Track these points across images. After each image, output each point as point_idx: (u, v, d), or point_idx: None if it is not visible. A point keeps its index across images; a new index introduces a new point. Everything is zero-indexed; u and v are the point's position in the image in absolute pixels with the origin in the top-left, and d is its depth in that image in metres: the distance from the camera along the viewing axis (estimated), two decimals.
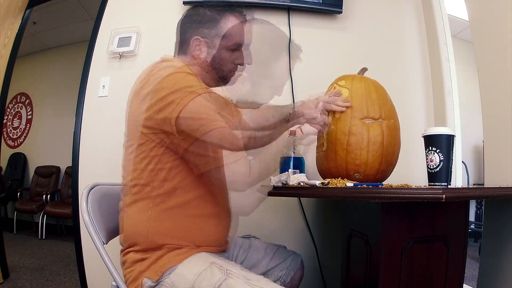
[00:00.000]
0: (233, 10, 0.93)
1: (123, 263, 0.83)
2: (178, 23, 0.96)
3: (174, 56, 0.96)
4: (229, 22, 0.91)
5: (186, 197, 0.81)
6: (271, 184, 0.91)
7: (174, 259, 0.77)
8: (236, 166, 0.77)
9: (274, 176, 0.93)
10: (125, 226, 0.82)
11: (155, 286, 0.75)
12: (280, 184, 0.90)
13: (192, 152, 0.76)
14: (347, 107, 0.94)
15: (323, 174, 1.02)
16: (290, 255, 1.08)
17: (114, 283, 0.82)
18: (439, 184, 0.79)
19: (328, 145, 0.96)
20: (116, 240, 0.93)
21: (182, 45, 0.93)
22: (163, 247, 0.79)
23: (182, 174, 0.79)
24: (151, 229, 0.78)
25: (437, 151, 0.78)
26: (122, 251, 0.84)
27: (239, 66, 0.96)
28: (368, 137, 0.91)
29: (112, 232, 0.90)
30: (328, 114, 0.97)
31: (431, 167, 0.80)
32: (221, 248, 0.90)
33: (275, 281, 0.95)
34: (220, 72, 0.93)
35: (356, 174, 0.93)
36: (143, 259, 0.78)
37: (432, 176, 0.80)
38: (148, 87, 0.77)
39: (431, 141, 0.80)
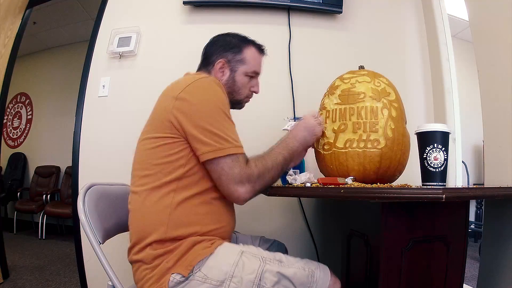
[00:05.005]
0: (255, 43, 1.03)
1: (138, 261, 0.81)
2: (204, 47, 1.05)
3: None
4: (251, 51, 1.01)
5: (205, 186, 0.83)
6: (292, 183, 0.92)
7: (202, 252, 0.78)
8: (227, 164, 0.78)
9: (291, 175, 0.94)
10: (144, 215, 0.81)
11: (184, 281, 0.76)
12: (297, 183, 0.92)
13: (197, 137, 0.79)
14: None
15: (339, 172, 0.95)
16: (273, 242, 1.13)
17: (110, 283, 0.82)
18: (441, 184, 0.78)
19: (386, 143, 0.90)
20: (114, 240, 0.93)
21: (206, 66, 1.01)
22: (186, 238, 0.79)
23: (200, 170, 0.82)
24: (173, 216, 0.79)
25: (443, 149, 0.76)
26: (132, 249, 0.83)
27: (253, 93, 1.05)
28: (407, 140, 0.95)
29: (109, 232, 0.90)
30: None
31: (435, 166, 0.76)
32: (229, 239, 0.92)
33: None
34: (237, 96, 1.01)
35: (398, 175, 0.97)
36: (166, 253, 0.78)
37: (434, 175, 0.76)
38: (183, 94, 0.81)
39: (436, 138, 0.76)
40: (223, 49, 0.99)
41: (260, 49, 1.04)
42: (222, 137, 0.78)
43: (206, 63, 1.01)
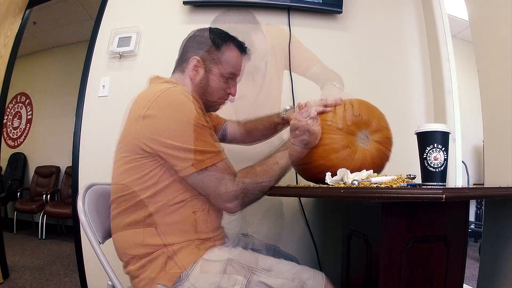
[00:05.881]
0: (236, 41, 0.94)
1: (129, 275, 0.83)
2: (183, 41, 0.98)
3: (172, 73, 0.97)
4: (230, 51, 0.93)
5: (178, 196, 0.81)
6: (329, 183, 0.84)
7: (186, 260, 0.78)
8: (220, 182, 0.78)
9: (332, 176, 0.85)
10: (122, 236, 0.82)
11: None
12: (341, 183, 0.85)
13: (172, 155, 0.76)
14: (337, 104, 0.94)
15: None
16: (287, 255, 1.09)
17: (110, 283, 0.82)
18: (441, 184, 0.78)
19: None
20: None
21: (181, 63, 0.94)
22: (165, 247, 0.78)
23: (171, 177, 0.80)
24: (147, 231, 0.79)
25: (443, 149, 0.76)
26: (123, 261, 0.85)
27: (230, 95, 0.97)
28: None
29: (109, 232, 0.90)
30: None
31: (435, 166, 0.76)
32: (219, 235, 0.90)
33: None
34: (210, 98, 0.93)
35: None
36: (147, 263, 0.78)
37: (434, 175, 0.76)
38: (150, 111, 0.77)
39: (436, 138, 0.76)
40: (199, 45, 0.92)
41: (241, 47, 0.95)
42: (198, 151, 0.76)
43: (182, 59, 0.94)
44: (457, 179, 1.61)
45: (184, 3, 1.62)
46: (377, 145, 0.94)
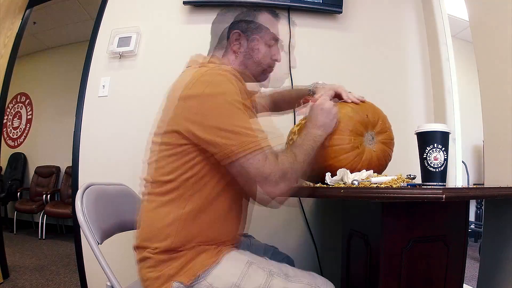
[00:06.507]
0: (267, 9, 0.95)
1: (143, 260, 0.79)
2: (212, 24, 0.98)
3: (208, 54, 0.97)
4: (264, 17, 0.94)
5: (213, 194, 0.80)
6: (329, 184, 0.84)
7: (207, 262, 0.76)
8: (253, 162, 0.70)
9: (332, 176, 0.85)
10: (152, 223, 0.79)
11: None
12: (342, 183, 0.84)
13: (209, 141, 0.72)
14: (357, 102, 0.95)
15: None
16: (284, 257, 1.09)
17: (108, 283, 0.82)
18: (441, 184, 0.77)
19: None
20: (113, 239, 0.93)
21: (221, 41, 0.94)
22: (190, 248, 0.77)
23: (216, 175, 0.78)
24: (180, 229, 0.77)
25: (443, 149, 0.76)
26: (137, 249, 0.81)
27: (276, 62, 0.97)
28: None
29: (107, 232, 0.90)
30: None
31: (435, 166, 0.76)
32: (237, 243, 0.90)
33: None
34: (259, 67, 0.94)
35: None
36: (170, 260, 0.76)
37: (434, 175, 0.76)
38: (194, 93, 0.75)
39: (436, 138, 0.76)
40: (235, 19, 0.93)
41: (274, 13, 0.96)
42: (239, 133, 0.70)
43: (221, 38, 0.94)
44: (457, 179, 1.61)
45: (184, 3, 1.62)
46: (382, 146, 0.94)
